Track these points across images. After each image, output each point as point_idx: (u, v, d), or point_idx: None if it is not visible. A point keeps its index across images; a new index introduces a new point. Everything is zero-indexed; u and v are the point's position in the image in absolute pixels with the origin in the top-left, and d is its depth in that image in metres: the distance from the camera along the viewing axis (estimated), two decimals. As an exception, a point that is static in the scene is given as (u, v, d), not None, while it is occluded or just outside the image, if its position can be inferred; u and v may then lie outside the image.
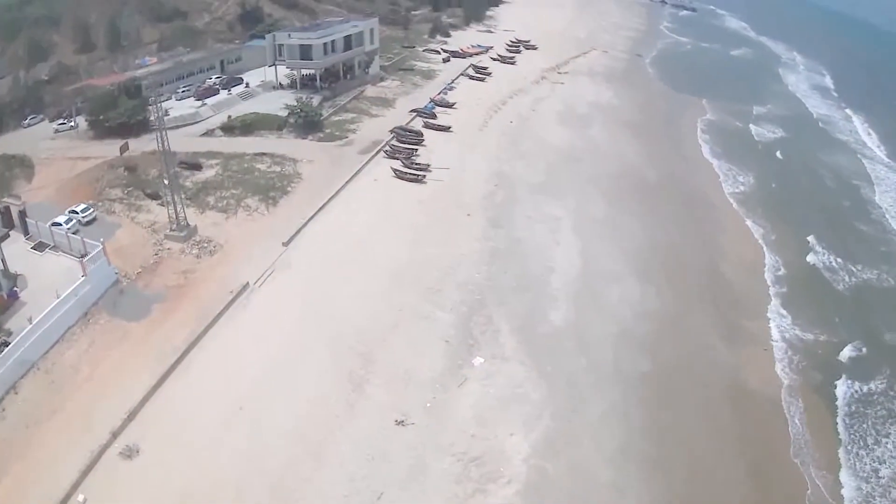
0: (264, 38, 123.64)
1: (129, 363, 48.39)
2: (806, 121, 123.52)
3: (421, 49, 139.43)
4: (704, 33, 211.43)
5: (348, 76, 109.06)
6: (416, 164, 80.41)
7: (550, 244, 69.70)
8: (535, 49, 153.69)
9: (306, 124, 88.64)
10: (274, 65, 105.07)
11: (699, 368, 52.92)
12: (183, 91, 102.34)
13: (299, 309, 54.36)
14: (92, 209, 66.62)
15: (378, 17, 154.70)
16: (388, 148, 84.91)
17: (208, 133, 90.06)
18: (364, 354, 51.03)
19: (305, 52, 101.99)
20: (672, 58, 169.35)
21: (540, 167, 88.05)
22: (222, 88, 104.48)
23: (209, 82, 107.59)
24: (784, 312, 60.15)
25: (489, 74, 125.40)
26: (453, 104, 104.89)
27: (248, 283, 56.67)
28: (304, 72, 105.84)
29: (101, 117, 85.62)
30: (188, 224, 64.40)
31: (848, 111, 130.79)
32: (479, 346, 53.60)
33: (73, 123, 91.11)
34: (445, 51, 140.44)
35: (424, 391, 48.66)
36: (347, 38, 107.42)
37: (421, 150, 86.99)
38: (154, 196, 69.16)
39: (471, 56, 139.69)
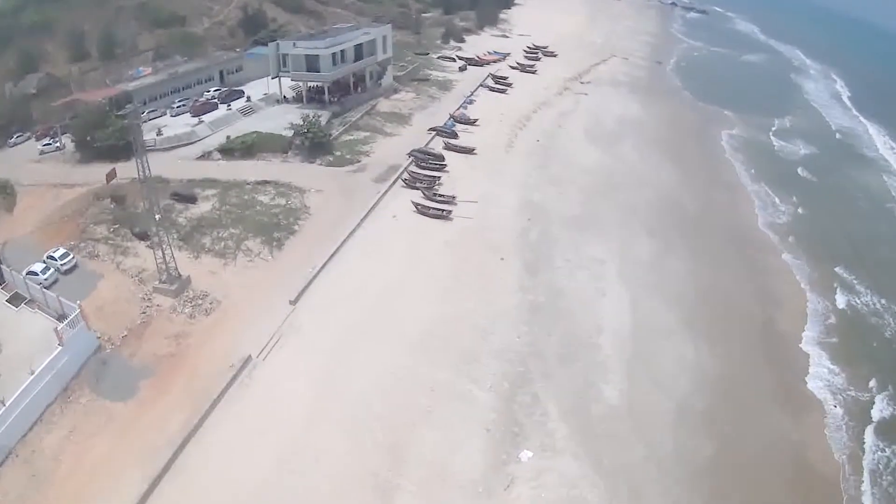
0: (267, 44, 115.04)
1: (117, 456, 40.61)
2: (829, 135, 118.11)
3: (435, 56, 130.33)
4: (717, 37, 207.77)
5: (359, 89, 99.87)
6: (440, 195, 71.41)
7: (595, 295, 60.87)
8: (555, 56, 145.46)
9: (314, 146, 79.45)
10: (277, 77, 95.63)
11: (761, 447, 45.73)
12: (178, 106, 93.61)
13: (311, 390, 45.60)
14: (72, 255, 58.21)
15: (390, 22, 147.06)
16: (406, 176, 75.75)
17: (205, 156, 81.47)
18: (391, 449, 42.34)
19: (312, 64, 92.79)
20: (691, 65, 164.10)
21: (574, 196, 79.60)
22: (221, 103, 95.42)
23: (207, 96, 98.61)
24: (836, 369, 54.26)
25: (510, 85, 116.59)
26: (475, 121, 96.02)
27: (250, 355, 47.10)
28: (311, 84, 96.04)
29: (88, 138, 76.78)
30: (180, 275, 55.59)
31: (866, 123, 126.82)
32: (525, 435, 45.07)
33: (59, 144, 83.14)
34: (461, 58, 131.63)
35: (465, 498, 40.17)
36: (358, 48, 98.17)
37: (443, 176, 77.94)
38: (142, 236, 60.36)
39: (488, 64, 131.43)
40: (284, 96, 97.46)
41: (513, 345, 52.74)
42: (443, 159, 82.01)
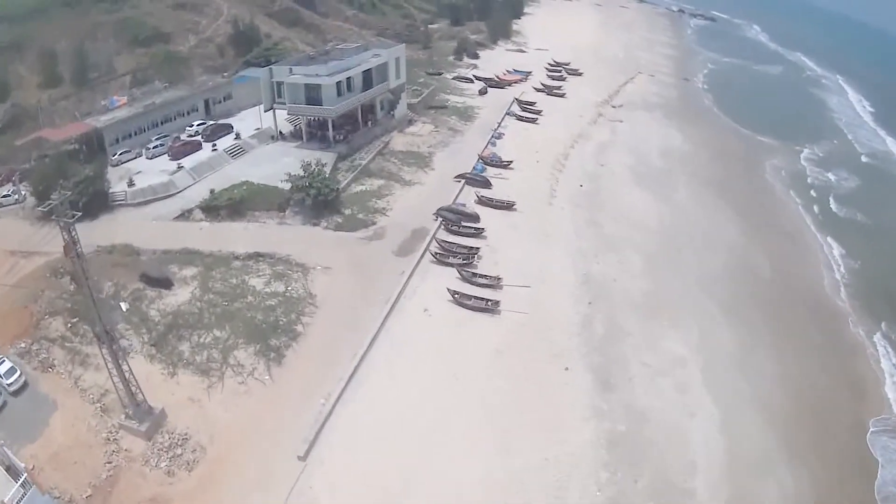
0: (261, 65, 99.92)
1: None
2: (861, 162, 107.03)
3: (450, 76, 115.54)
4: (730, 47, 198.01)
5: (369, 122, 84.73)
6: (481, 276, 56.26)
7: (683, 417, 47.21)
8: (581, 75, 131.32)
9: (318, 204, 63.24)
10: (272, 109, 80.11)
11: None
12: (155, 146, 79.17)
13: None
14: (18, 371, 45.24)
15: (396, 36, 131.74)
16: (435, 247, 60.97)
17: (185, 215, 67.00)
18: None
19: (313, 95, 78.09)
20: (715, 80, 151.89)
21: (635, 264, 65.73)
22: (206, 140, 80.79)
23: (189, 132, 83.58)
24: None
25: (539, 113, 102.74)
26: (509, 163, 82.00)
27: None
28: (312, 118, 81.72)
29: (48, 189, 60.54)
30: (150, 407, 40.69)
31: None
32: None
33: (17, 196, 69.07)
34: (478, 78, 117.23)
35: None
36: (367, 74, 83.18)
37: (480, 242, 64.23)
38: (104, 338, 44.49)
39: (510, 85, 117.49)
40: (280, 132, 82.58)
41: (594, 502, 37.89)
42: (478, 219, 67.69)
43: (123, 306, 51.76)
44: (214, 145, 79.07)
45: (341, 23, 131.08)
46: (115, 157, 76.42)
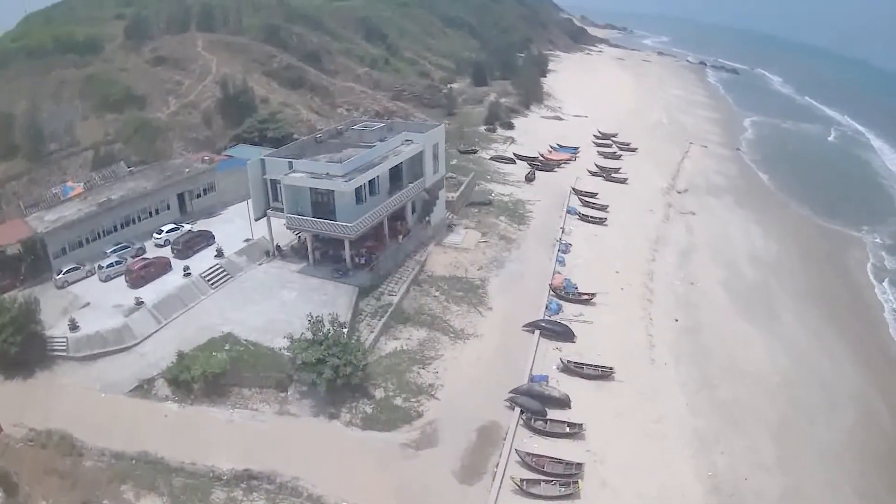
0: (255, 141, 78.01)
1: None
2: None
3: (486, 156, 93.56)
4: (765, 104, 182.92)
5: (400, 234, 61.62)
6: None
7: None
8: (635, 151, 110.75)
9: (334, 388, 40.59)
10: (266, 216, 57.42)
11: None
12: (110, 264, 58.28)
13: None
14: None
15: (415, 98, 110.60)
16: (518, 461, 39.75)
17: (143, 386, 46.30)
18: None
19: (323, 202, 56.51)
20: (765, 149, 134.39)
21: (766, 449, 45.49)
22: (177, 255, 58.68)
23: (156, 240, 61.30)
24: None
25: (605, 209, 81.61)
26: (590, 297, 61.18)
27: None
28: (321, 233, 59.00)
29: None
30: None
31: None
32: None
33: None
34: (520, 157, 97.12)
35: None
36: (397, 170, 60.09)
37: (578, 447, 42.74)
38: None
39: (558, 165, 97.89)
40: (278, 246, 60.14)
41: None
42: (568, 404, 44.26)
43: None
44: (187, 269, 55.99)
45: (352, 83, 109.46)
46: (61, 276, 56.21)
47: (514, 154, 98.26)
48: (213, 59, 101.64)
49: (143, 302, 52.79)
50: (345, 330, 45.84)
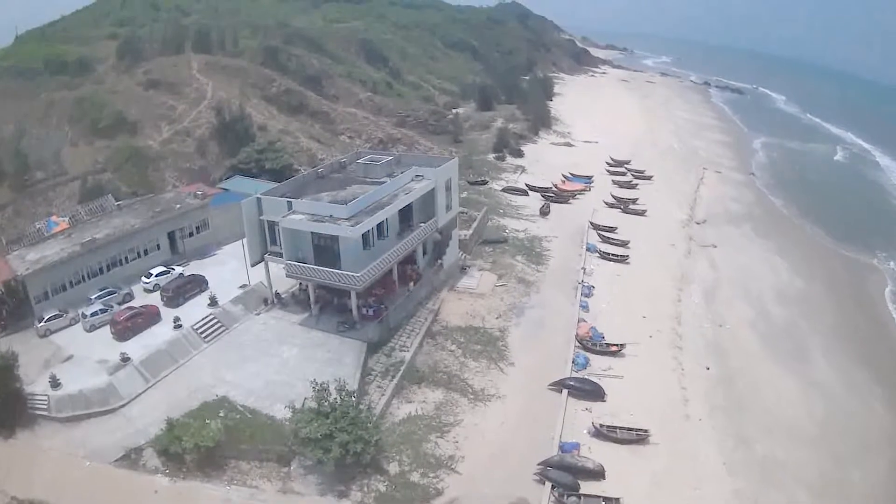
0: (253, 172, 72.96)
1: None
2: None
3: (497, 187, 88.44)
4: (772, 125, 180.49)
5: (411, 280, 56.15)
6: None
7: None
8: (650, 179, 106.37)
9: (342, 463, 35.79)
10: (263, 261, 51.93)
11: None
12: (95, 312, 52.90)
13: None
14: None
15: (420, 125, 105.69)
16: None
17: (130, 455, 41.09)
18: None
19: (326, 247, 51.25)
20: (778, 173, 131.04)
21: None
22: (167, 303, 53.71)
23: (145, 284, 56.71)
24: None
25: (626, 245, 77.06)
26: (619, 348, 56.24)
27: None
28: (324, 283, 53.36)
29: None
30: None
31: None
32: None
33: None
34: (532, 188, 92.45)
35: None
36: (407, 210, 54.87)
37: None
38: None
39: (573, 196, 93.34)
40: (277, 293, 54.49)
41: None
42: (602, 475, 40.80)
43: None
44: (178, 320, 50.39)
45: (354, 109, 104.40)
46: (42, 323, 51.22)
47: (527, 185, 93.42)
48: (209, 82, 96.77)
49: (129, 358, 47.68)
50: (353, 399, 40.02)
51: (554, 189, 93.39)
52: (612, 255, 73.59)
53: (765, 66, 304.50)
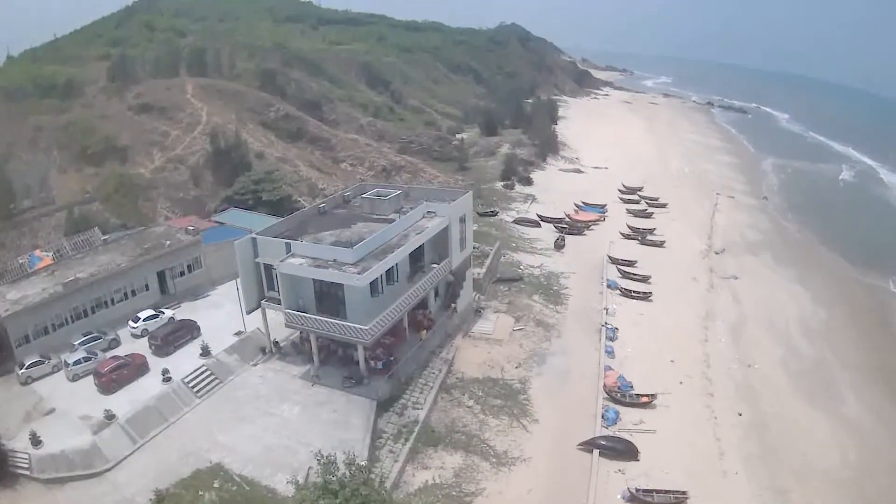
0: (248, 204, 68.41)
1: None
2: None
3: (508, 218, 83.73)
4: (779, 144, 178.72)
5: (425, 327, 51.04)
6: None
7: None
8: (665, 207, 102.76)
9: None
10: (260, 307, 46.78)
11: None
12: (77, 361, 48.06)
13: None
14: None
15: (424, 151, 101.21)
16: None
17: None
18: None
19: (329, 295, 45.87)
20: (790, 195, 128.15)
21: None
22: (156, 351, 49.28)
23: (132, 329, 52.52)
24: None
25: (648, 281, 73.08)
26: (650, 400, 51.42)
27: None
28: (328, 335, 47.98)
29: None
30: None
31: None
32: None
33: None
34: (545, 218, 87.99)
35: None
36: (417, 251, 49.69)
37: None
38: None
39: (588, 227, 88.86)
40: (275, 342, 49.17)
41: None
42: None
43: None
44: (167, 373, 45.37)
45: (355, 135, 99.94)
46: (24, 370, 46.86)
47: (538, 215, 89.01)
48: (204, 107, 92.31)
49: (114, 416, 42.64)
50: (364, 474, 34.87)
51: (567, 219, 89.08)
52: (634, 292, 68.82)
53: (764, 83, 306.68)
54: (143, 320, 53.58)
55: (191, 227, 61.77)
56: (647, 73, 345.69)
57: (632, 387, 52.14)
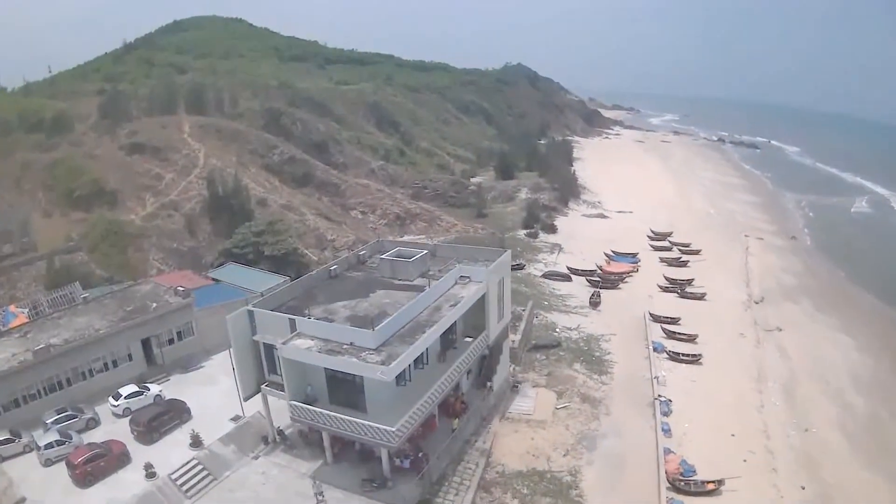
0: (248, 259, 60.73)
1: None
2: None
3: (536, 272, 76.22)
4: (795, 179, 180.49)
5: (458, 415, 42.52)
6: None
7: None
8: (699, 253, 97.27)
9: None
10: (261, 392, 38.24)
11: None
12: (49, 444, 40.48)
13: None
14: None
15: (439, 197, 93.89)
16: None
17: None
18: None
19: (343, 383, 37.92)
20: (817, 233, 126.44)
21: None
22: (138, 438, 41.48)
23: (113, 407, 45.91)
24: None
25: (695, 341, 65.74)
26: (716, 487, 43.54)
27: None
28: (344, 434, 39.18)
29: None
30: None
31: None
32: None
33: None
34: (575, 271, 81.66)
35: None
36: (450, 334, 41.26)
37: None
38: None
39: (621, 279, 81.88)
40: (279, 430, 40.64)
41: None
42: None
43: None
44: (151, 468, 37.18)
45: (366, 180, 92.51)
46: None
47: (569, 268, 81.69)
48: (201, 147, 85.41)
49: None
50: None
51: (599, 272, 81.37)
52: (683, 355, 61.23)
53: (769, 116, 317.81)
54: (125, 398, 45.70)
55: (181, 288, 53.86)
56: (652, 111, 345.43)
57: (695, 471, 44.30)
